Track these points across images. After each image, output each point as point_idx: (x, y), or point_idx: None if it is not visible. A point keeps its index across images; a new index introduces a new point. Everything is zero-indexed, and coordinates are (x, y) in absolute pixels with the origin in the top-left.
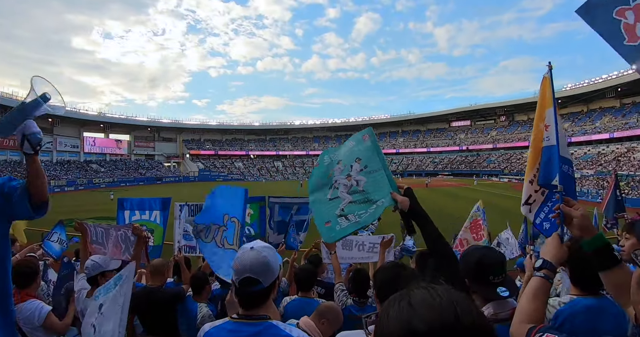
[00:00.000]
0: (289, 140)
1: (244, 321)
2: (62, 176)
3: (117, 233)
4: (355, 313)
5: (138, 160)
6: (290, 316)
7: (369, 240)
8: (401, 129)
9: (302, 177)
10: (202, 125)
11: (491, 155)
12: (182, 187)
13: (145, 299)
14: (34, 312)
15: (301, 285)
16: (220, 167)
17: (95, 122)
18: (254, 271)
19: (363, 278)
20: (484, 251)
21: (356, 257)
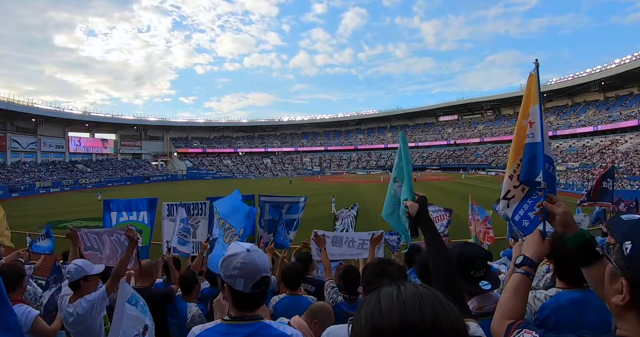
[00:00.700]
0: (277, 137)
1: (237, 323)
2: (48, 177)
3: (111, 238)
4: (346, 310)
5: (125, 159)
6: (280, 314)
7: (359, 236)
8: (389, 124)
9: (291, 174)
10: (189, 123)
11: (478, 149)
12: (170, 186)
13: None
14: (21, 317)
15: (289, 283)
16: (209, 165)
17: (80, 122)
18: (265, 269)
19: (353, 275)
20: (463, 246)
21: (346, 253)
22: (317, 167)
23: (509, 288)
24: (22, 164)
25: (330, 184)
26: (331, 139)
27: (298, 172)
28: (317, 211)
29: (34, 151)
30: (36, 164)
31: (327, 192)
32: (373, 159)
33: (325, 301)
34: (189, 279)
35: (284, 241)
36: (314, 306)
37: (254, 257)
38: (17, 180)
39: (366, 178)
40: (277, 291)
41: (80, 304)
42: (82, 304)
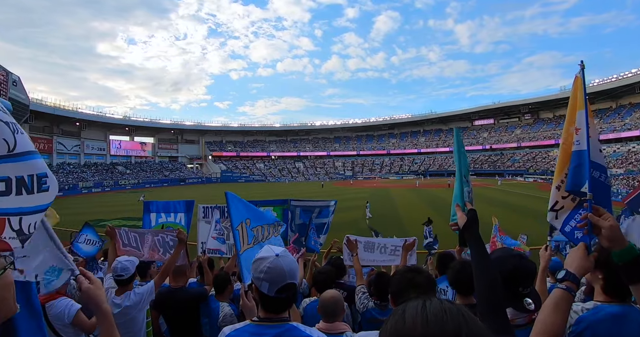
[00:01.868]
0: (309, 141)
1: (266, 324)
2: (90, 178)
3: (155, 238)
4: (377, 316)
5: (162, 162)
6: (310, 317)
7: (391, 242)
8: (422, 129)
9: (323, 178)
10: (223, 127)
11: (515, 155)
12: (205, 189)
13: (168, 299)
14: (64, 310)
15: (320, 287)
16: (242, 168)
17: (120, 126)
18: (292, 276)
19: (385, 281)
20: (520, 261)
21: (378, 259)
22: (349, 172)
23: (548, 304)
24: (66, 165)
25: (362, 189)
26: (363, 143)
27: (330, 176)
28: (349, 215)
29: (78, 153)
30: (79, 165)
31: (359, 196)
32: (406, 164)
33: (357, 306)
34: (222, 279)
35: (314, 245)
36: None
37: (281, 263)
38: (61, 180)
39: (399, 183)
40: (307, 294)
41: (130, 297)
42: (131, 296)
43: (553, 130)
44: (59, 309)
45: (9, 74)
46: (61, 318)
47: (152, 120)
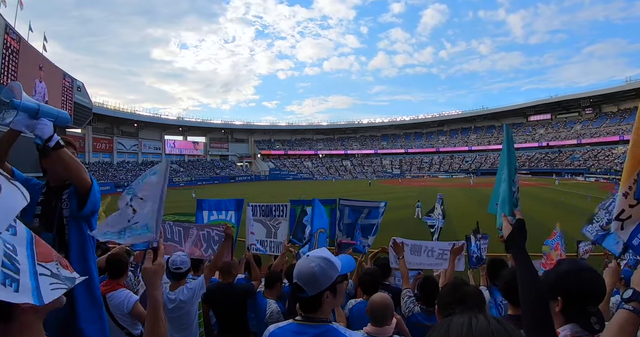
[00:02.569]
0: (357, 139)
1: (307, 323)
2: None
3: (200, 233)
4: (423, 321)
5: (213, 160)
6: (355, 318)
7: (439, 246)
8: (474, 125)
9: (370, 176)
10: (272, 126)
11: (575, 152)
12: (254, 186)
13: (218, 294)
14: (123, 300)
15: (365, 288)
16: (290, 167)
17: (174, 126)
18: (301, 279)
19: (432, 286)
20: (593, 276)
21: (425, 263)
22: (397, 170)
23: (613, 326)
24: (126, 163)
25: (410, 187)
26: (412, 141)
27: (377, 174)
28: (397, 214)
29: (136, 152)
30: (137, 163)
31: (407, 195)
32: (456, 162)
33: (402, 310)
34: (275, 277)
35: (360, 245)
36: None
37: (300, 264)
38: (121, 177)
39: (448, 182)
40: (353, 295)
41: (183, 292)
42: (184, 291)
43: (617, 126)
44: (119, 300)
45: (74, 81)
46: (120, 308)
47: (204, 120)
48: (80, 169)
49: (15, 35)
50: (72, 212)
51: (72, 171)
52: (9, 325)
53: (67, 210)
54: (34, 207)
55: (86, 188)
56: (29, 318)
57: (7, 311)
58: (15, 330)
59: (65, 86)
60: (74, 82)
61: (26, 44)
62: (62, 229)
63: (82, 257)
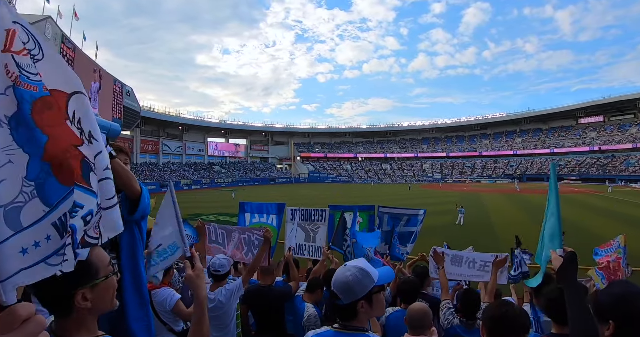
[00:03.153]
0: (397, 142)
1: (343, 331)
2: (190, 176)
3: (241, 236)
4: (462, 334)
5: (254, 162)
6: (392, 327)
7: (481, 257)
8: (519, 128)
9: (410, 180)
10: (311, 129)
11: (630, 157)
12: (293, 188)
13: (256, 295)
14: (166, 298)
15: (403, 297)
16: (329, 169)
17: (217, 129)
18: (336, 287)
19: (473, 299)
20: None
21: (465, 274)
22: (438, 174)
23: None
24: (170, 164)
25: (451, 192)
26: (453, 144)
27: (417, 178)
28: (437, 220)
29: (180, 154)
30: (181, 164)
31: (448, 200)
32: (500, 167)
33: (440, 321)
34: (317, 283)
35: (399, 253)
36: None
37: (338, 272)
38: (166, 177)
39: (491, 187)
40: (391, 303)
41: (222, 293)
42: (222, 292)
43: None
44: (162, 297)
45: (123, 86)
46: (163, 305)
47: (245, 123)
48: (130, 178)
49: (70, 44)
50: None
51: (122, 179)
52: (67, 320)
53: None
54: None
55: (136, 195)
56: (84, 315)
57: (66, 307)
58: (72, 325)
59: (115, 91)
60: (123, 88)
61: (80, 52)
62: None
63: (132, 258)
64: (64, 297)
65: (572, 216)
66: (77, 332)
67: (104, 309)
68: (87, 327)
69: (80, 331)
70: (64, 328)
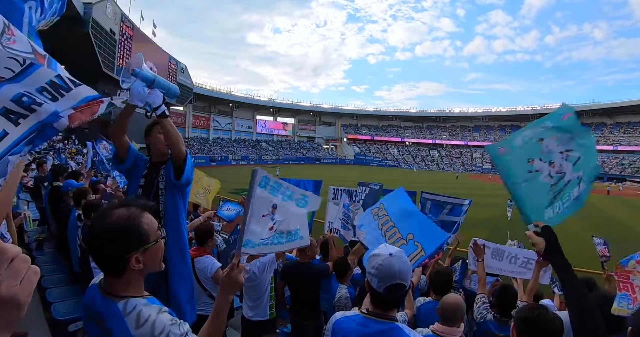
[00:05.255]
0: (446, 129)
1: (373, 318)
2: (238, 152)
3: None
4: (494, 331)
5: (300, 141)
6: (423, 317)
7: (524, 254)
8: (581, 121)
9: (458, 169)
10: (359, 111)
11: None
12: (338, 169)
13: (294, 272)
14: (208, 266)
15: (435, 288)
16: (375, 153)
17: (265, 107)
18: (402, 277)
19: (510, 295)
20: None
21: (505, 269)
22: (488, 165)
23: None
24: (220, 140)
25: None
26: (507, 134)
27: (466, 168)
28: (482, 212)
29: (230, 130)
30: (230, 140)
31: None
32: None
33: (474, 315)
34: (343, 265)
35: None
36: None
37: (393, 262)
38: (216, 152)
39: None
40: (425, 292)
41: (256, 265)
42: (257, 264)
43: None
44: (204, 265)
45: (178, 63)
46: (204, 272)
47: (293, 102)
48: (180, 139)
49: (129, 23)
50: (169, 183)
51: (172, 139)
52: (117, 279)
53: (162, 182)
54: (139, 179)
55: (181, 158)
56: (134, 275)
57: (119, 268)
58: (122, 284)
59: (170, 68)
60: (178, 65)
61: (138, 30)
62: (157, 198)
63: (175, 222)
64: (118, 260)
65: (624, 220)
66: (125, 290)
67: (153, 270)
68: (135, 286)
69: (129, 289)
70: (114, 286)
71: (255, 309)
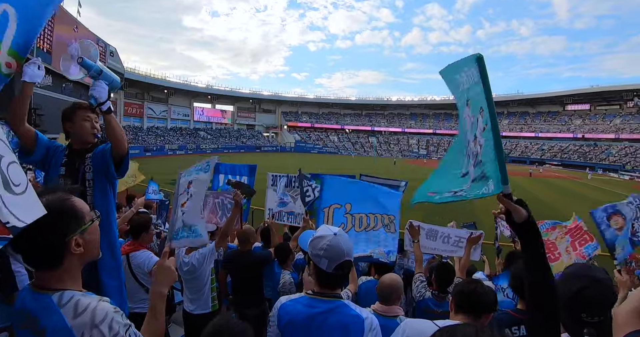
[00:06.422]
0: (384, 116)
1: (319, 298)
2: (175, 141)
3: (215, 200)
4: (433, 307)
5: (240, 129)
6: (363, 294)
7: (456, 233)
8: (507, 110)
9: (396, 155)
10: (300, 98)
11: (612, 147)
12: (279, 157)
13: (236, 260)
14: (144, 261)
15: (377, 268)
16: (316, 140)
17: (203, 94)
18: (349, 253)
19: (448, 273)
20: (588, 284)
21: (439, 248)
22: (424, 150)
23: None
24: (155, 128)
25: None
26: (441, 121)
27: (403, 153)
28: None
29: (165, 118)
30: (166, 129)
31: None
32: None
33: (413, 294)
34: (283, 250)
35: None
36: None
37: (339, 241)
38: (150, 142)
39: None
40: (366, 273)
41: (194, 256)
42: (195, 256)
43: None
44: (141, 260)
45: (107, 46)
46: (142, 267)
47: (232, 89)
48: (124, 135)
49: None
50: (98, 175)
51: (116, 135)
52: (55, 271)
53: (89, 173)
54: (59, 168)
55: (122, 154)
56: (74, 263)
57: (57, 256)
58: (60, 275)
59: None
60: (107, 48)
61: (61, 9)
62: (84, 192)
63: (105, 217)
64: (57, 246)
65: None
66: (62, 282)
67: (91, 257)
68: (73, 278)
69: (66, 281)
70: (50, 279)
71: (197, 302)
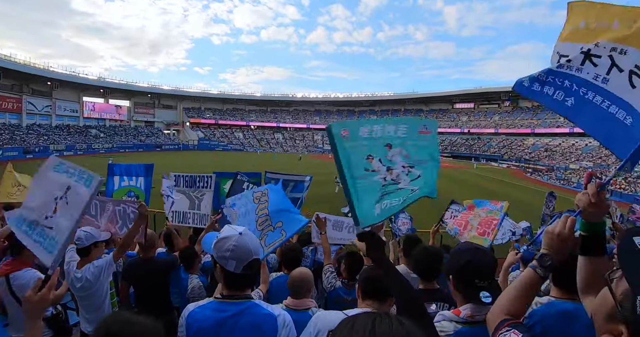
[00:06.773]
0: (290, 112)
1: (229, 301)
2: (61, 141)
3: (116, 208)
4: (343, 296)
5: (138, 126)
6: (275, 290)
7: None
8: (404, 108)
9: (302, 150)
10: (203, 93)
11: (492, 140)
12: (182, 156)
13: (138, 270)
14: (29, 281)
15: (287, 263)
16: (220, 137)
17: (95, 87)
18: (256, 252)
19: (357, 261)
20: (476, 254)
21: (346, 238)
22: (328, 146)
23: (516, 282)
24: (37, 126)
25: None
26: (344, 118)
27: (309, 149)
28: (323, 189)
29: (49, 114)
30: (51, 127)
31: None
32: None
33: (324, 285)
34: (189, 255)
35: None
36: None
37: (246, 241)
38: (32, 142)
39: None
40: (276, 269)
41: (89, 270)
42: (90, 269)
43: (530, 120)
44: (24, 280)
45: None
46: (25, 289)
47: (128, 82)
48: None
49: None
50: None
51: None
52: None
53: None
54: None
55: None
56: None
57: None
58: None
59: None
60: None
61: None
62: None
63: None
64: None
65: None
66: None
67: None
68: None
69: None
70: None
71: (95, 322)
